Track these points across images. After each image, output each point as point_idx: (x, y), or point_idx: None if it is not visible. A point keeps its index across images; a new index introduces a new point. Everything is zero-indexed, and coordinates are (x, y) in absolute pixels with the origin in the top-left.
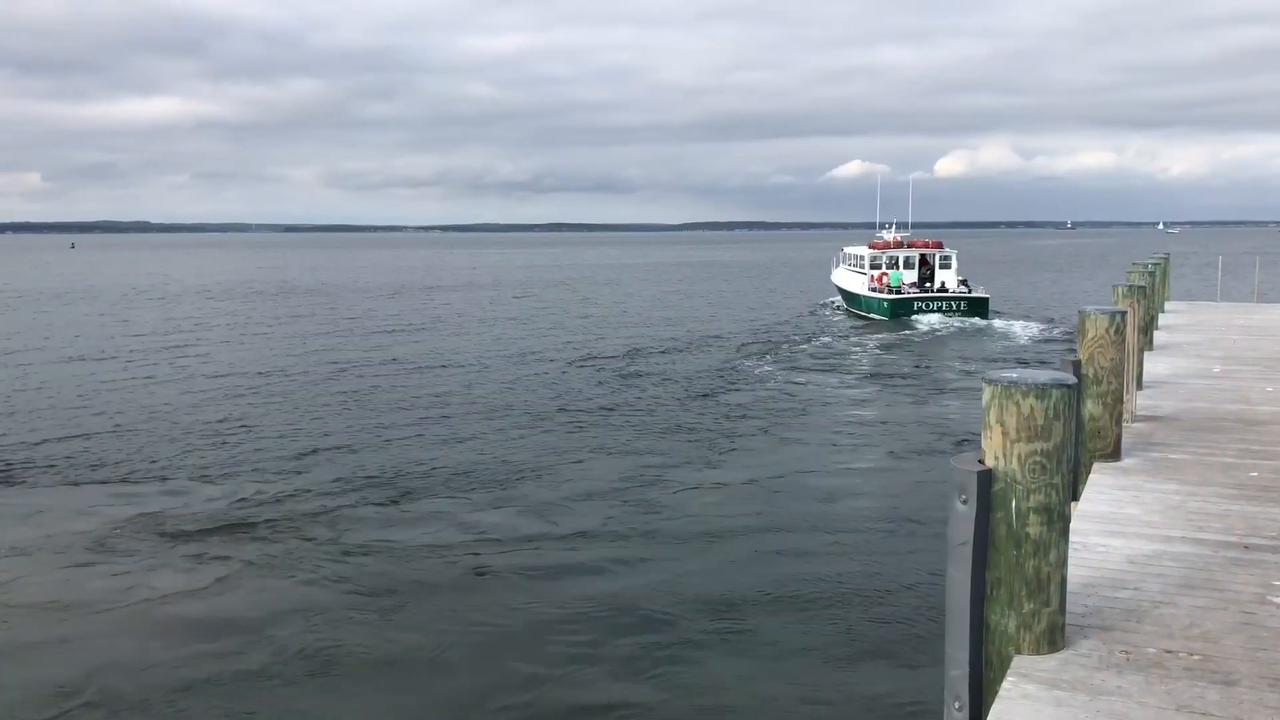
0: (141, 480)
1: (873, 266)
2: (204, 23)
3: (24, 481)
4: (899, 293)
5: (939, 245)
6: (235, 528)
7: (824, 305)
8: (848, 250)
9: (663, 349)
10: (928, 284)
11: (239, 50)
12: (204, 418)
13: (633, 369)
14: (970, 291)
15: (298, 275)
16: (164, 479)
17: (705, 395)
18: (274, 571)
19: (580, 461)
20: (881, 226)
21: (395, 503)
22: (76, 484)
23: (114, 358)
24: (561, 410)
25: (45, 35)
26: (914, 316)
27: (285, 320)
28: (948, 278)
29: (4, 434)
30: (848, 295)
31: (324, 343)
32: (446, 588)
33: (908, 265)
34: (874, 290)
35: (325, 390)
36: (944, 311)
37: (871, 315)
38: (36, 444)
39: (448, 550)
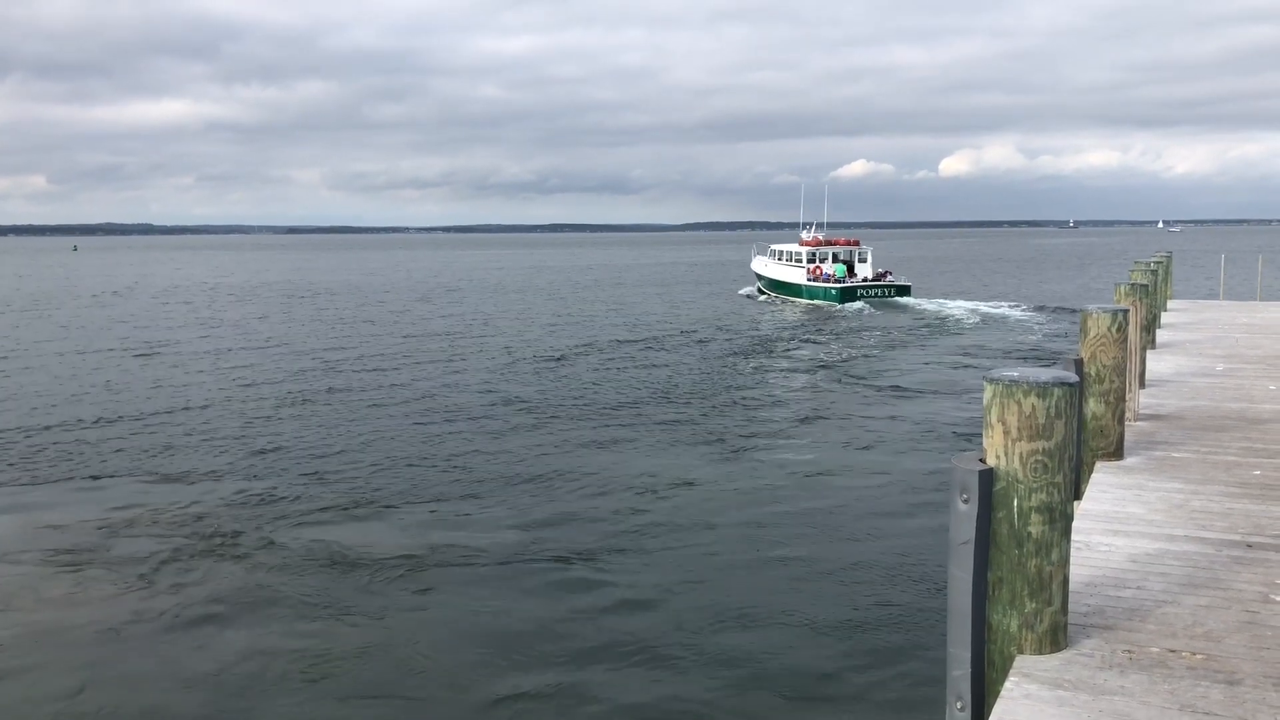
0: (148, 478)
1: (809, 261)
2: (217, 26)
3: (26, 477)
4: (843, 282)
5: (856, 243)
6: (232, 529)
7: (747, 295)
8: (776, 247)
9: (686, 345)
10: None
11: (251, 53)
12: (243, 419)
13: (656, 370)
14: (895, 280)
15: (318, 277)
16: (173, 478)
17: (712, 394)
18: (276, 572)
19: (587, 460)
20: (803, 227)
21: (400, 504)
22: (94, 478)
23: (145, 358)
24: (599, 410)
25: (58, 39)
26: (857, 302)
27: (320, 322)
28: (865, 270)
29: (36, 429)
30: (781, 285)
31: (367, 347)
32: (442, 585)
33: (836, 260)
34: (813, 281)
35: (361, 393)
36: (878, 297)
37: (816, 301)
38: (57, 438)
39: (440, 551)
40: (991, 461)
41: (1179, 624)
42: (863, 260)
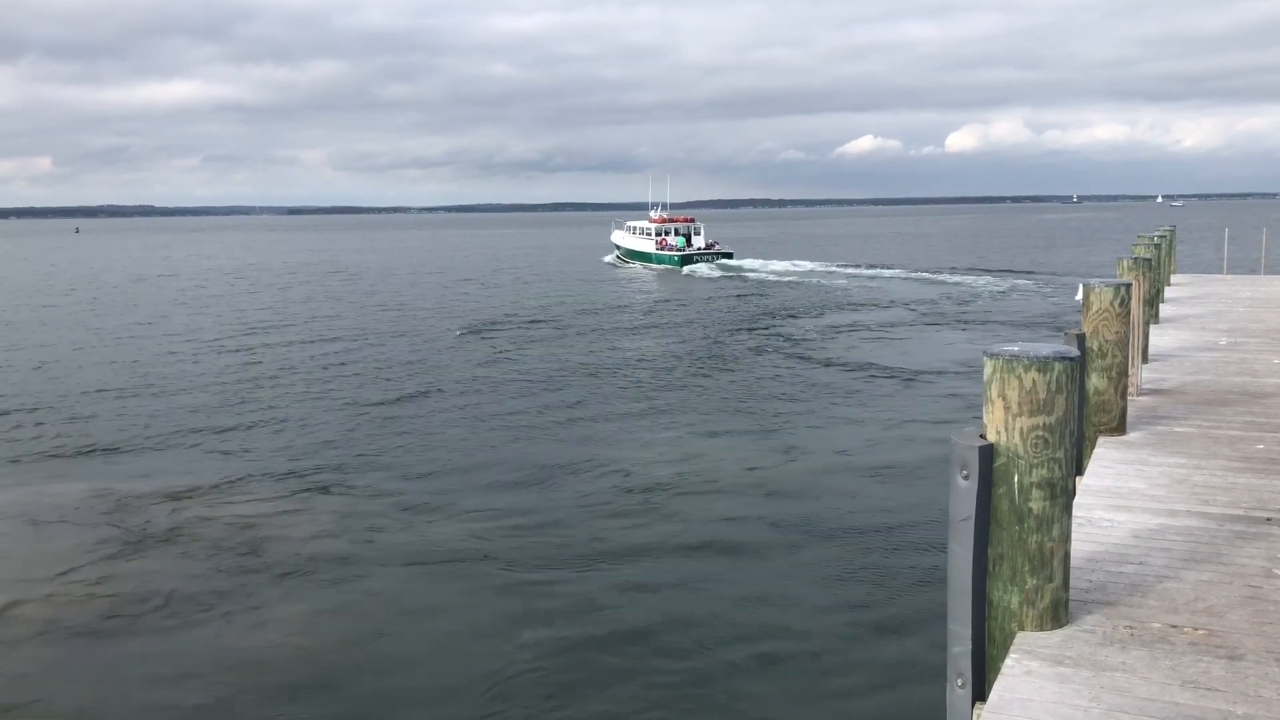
0: (159, 459)
1: (657, 234)
2: (231, 7)
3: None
4: (683, 251)
5: (692, 220)
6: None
7: (609, 262)
8: (631, 223)
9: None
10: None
11: (264, 33)
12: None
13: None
14: (721, 249)
15: (353, 258)
16: (203, 458)
17: (705, 373)
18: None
19: (561, 442)
20: (651, 207)
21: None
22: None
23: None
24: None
25: (70, 21)
26: (693, 266)
27: (387, 309)
28: (699, 241)
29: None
30: (636, 253)
31: (421, 328)
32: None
33: (678, 234)
34: (661, 250)
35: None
36: (709, 261)
37: (663, 266)
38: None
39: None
40: (992, 437)
41: (1181, 599)
42: (697, 234)
